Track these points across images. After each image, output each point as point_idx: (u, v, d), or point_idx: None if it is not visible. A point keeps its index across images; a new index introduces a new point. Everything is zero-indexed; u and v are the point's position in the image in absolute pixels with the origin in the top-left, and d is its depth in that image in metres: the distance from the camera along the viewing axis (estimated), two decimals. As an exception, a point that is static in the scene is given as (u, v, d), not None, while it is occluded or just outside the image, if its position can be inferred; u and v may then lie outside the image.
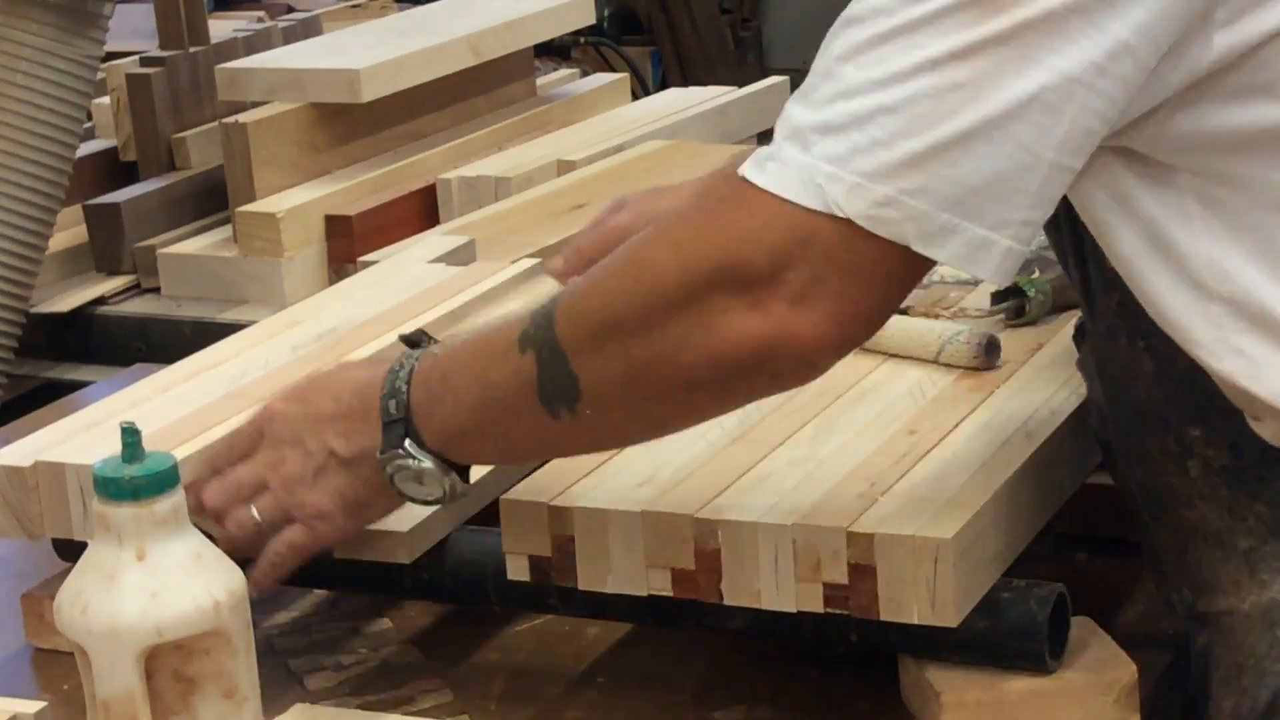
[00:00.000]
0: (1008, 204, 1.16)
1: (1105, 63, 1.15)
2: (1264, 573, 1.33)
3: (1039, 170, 1.16)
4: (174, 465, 1.25)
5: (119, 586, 1.24)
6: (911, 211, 1.15)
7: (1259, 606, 1.33)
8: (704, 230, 1.21)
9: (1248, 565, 1.33)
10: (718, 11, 5.77)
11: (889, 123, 1.15)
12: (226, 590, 1.25)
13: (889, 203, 1.15)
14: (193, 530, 1.26)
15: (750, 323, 1.18)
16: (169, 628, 1.23)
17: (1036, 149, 1.15)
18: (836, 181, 1.16)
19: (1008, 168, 1.16)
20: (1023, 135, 1.15)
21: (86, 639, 1.24)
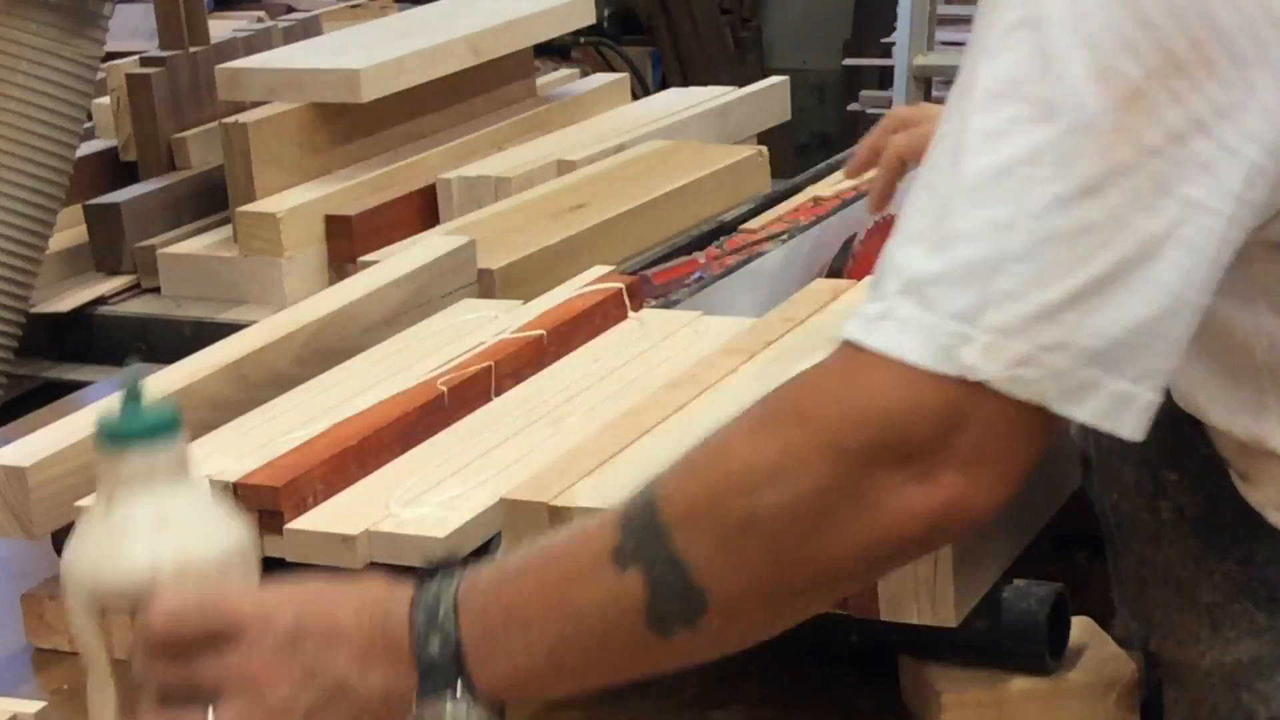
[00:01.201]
0: (1151, 353, 1.06)
1: (1241, 189, 1.06)
2: (1228, 630, 1.27)
3: (1179, 311, 1.06)
4: (148, 424, 1.20)
5: (81, 532, 1.21)
6: (1050, 369, 1.05)
7: (1222, 666, 1.28)
8: (843, 406, 1.07)
9: (1209, 620, 1.28)
10: (718, 11, 5.77)
11: (1020, 271, 1.04)
12: (175, 561, 1.18)
13: (1026, 361, 1.04)
14: (174, 491, 1.20)
15: (920, 496, 1.07)
16: (105, 584, 1.19)
17: (1178, 289, 1.06)
18: (967, 342, 1.05)
19: (1149, 313, 1.05)
20: (1163, 277, 1.05)
21: (62, 576, 1.22)
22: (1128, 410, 1.06)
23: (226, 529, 1.22)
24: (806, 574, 1.10)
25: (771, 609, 1.12)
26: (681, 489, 1.11)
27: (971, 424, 1.05)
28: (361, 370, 1.75)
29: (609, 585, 1.11)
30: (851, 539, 1.08)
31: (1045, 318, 1.04)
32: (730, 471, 1.09)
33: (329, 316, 1.83)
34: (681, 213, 2.37)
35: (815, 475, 1.07)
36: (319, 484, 1.49)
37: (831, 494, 1.07)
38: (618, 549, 1.11)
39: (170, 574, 1.18)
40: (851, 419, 1.07)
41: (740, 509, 1.08)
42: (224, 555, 1.21)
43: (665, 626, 1.10)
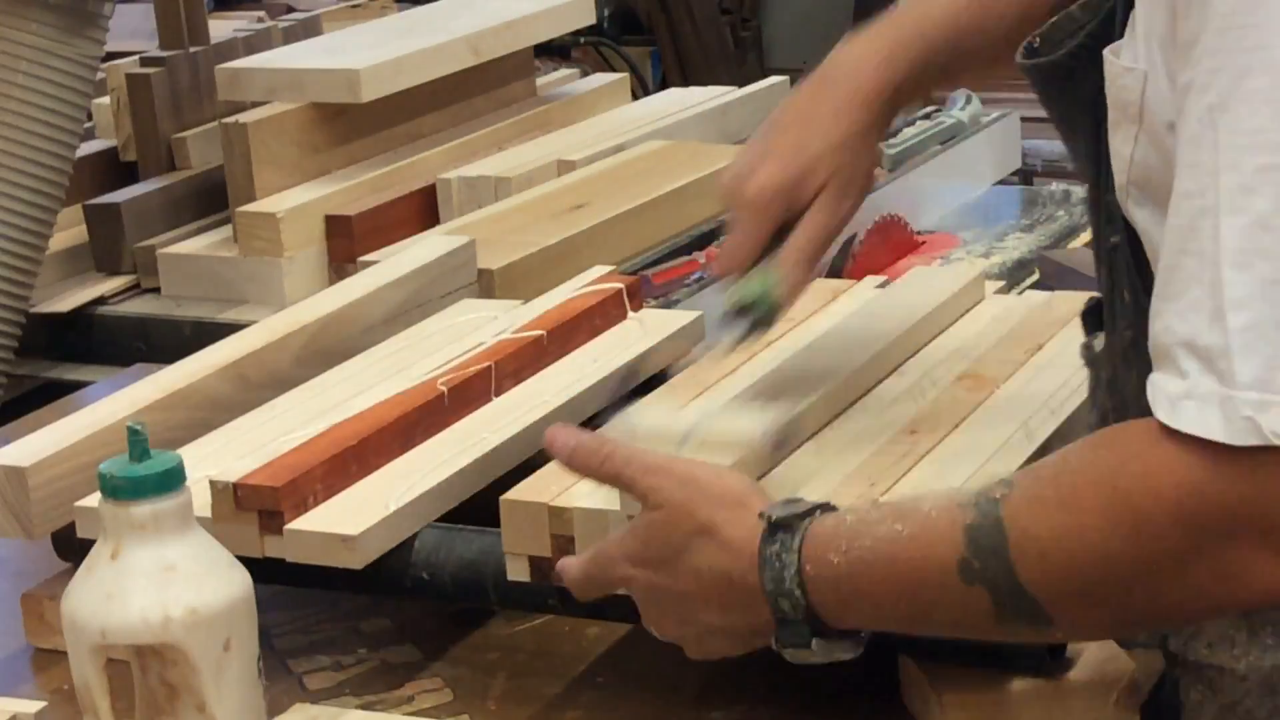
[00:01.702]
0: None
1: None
2: (1267, 637, 1.28)
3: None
4: (158, 473, 1.24)
5: (88, 581, 1.25)
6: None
7: (1258, 671, 1.28)
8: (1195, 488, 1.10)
9: (1246, 625, 1.28)
10: (718, 11, 5.77)
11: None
12: (186, 609, 1.24)
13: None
14: (180, 540, 1.25)
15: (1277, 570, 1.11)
16: (113, 632, 1.23)
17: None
18: (1266, 409, 1.07)
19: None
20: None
21: (64, 623, 1.25)
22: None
23: (230, 577, 1.26)
24: (1152, 619, 1.20)
25: (1113, 634, 1.27)
26: (1032, 528, 1.17)
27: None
28: (361, 370, 1.75)
29: (957, 595, 1.19)
30: (1204, 599, 1.14)
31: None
32: (1083, 525, 1.14)
33: (329, 316, 1.83)
34: (681, 213, 2.37)
35: (1174, 546, 1.12)
36: (319, 484, 1.49)
37: (1189, 565, 1.12)
38: (964, 564, 1.18)
39: (178, 622, 1.21)
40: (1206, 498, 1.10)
41: (1094, 565, 1.14)
42: (229, 603, 1.26)
43: (1011, 630, 1.20)
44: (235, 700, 1.26)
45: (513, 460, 1.58)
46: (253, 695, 1.28)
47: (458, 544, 1.48)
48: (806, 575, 1.23)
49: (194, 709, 1.25)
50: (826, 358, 1.63)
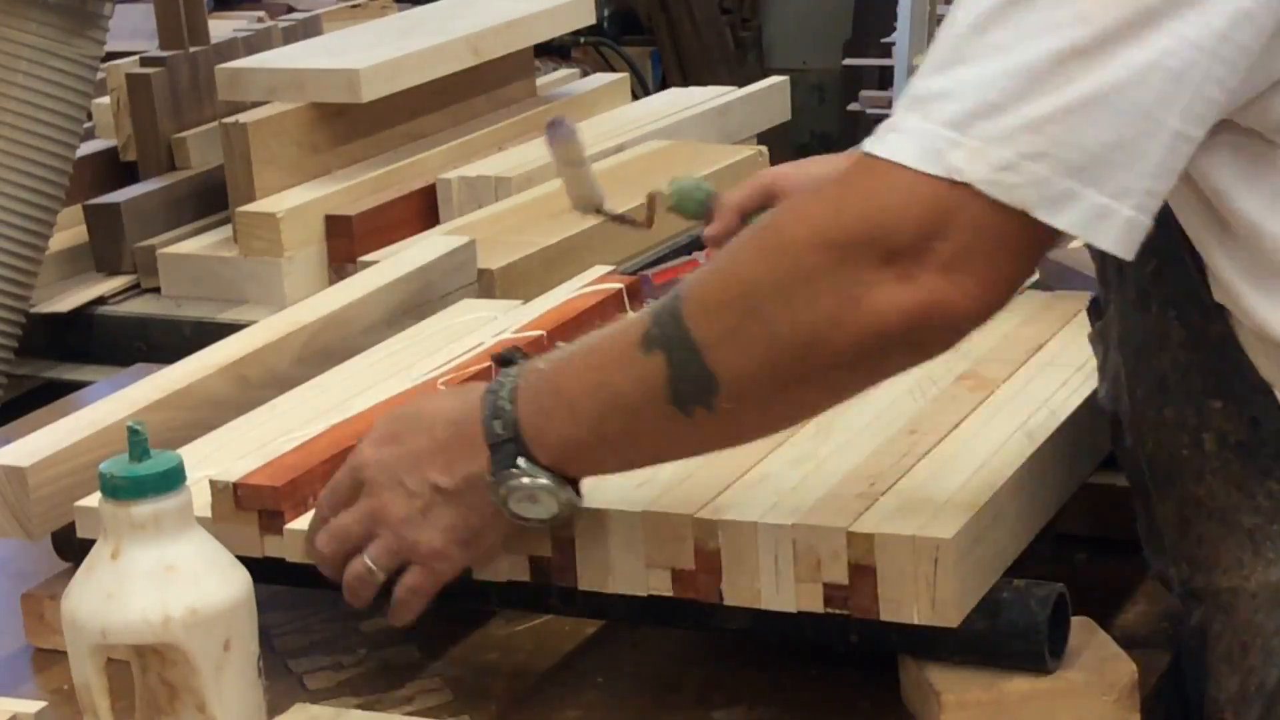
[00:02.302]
0: (1130, 171, 1.15)
1: (1227, 29, 1.14)
2: (1269, 551, 1.33)
3: (1161, 138, 1.15)
4: (158, 473, 1.24)
5: (88, 581, 1.25)
6: (1032, 176, 1.14)
7: (1267, 585, 1.33)
8: (839, 206, 1.18)
9: (1251, 543, 1.33)
10: (718, 11, 5.77)
11: (1009, 87, 1.14)
12: (186, 608, 1.24)
13: (1009, 167, 1.14)
14: (180, 540, 1.25)
15: (901, 294, 1.17)
16: (113, 632, 1.24)
17: (1159, 116, 1.14)
18: (956, 146, 1.15)
19: (1130, 134, 1.14)
20: (1145, 101, 1.14)
21: (64, 623, 1.25)
22: (1107, 224, 1.15)
23: (230, 577, 1.27)
24: (801, 361, 1.21)
25: (776, 395, 1.24)
26: (700, 280, 1.25)
27: (956, 228, 1.15)
28: (361, 370, 1.75)
29: (637, 367, 1.25)
30: (839, 329, 1.19)
31: (1029, 129, 1.14)
32: (738, 262, 1.23)
33: (329, 316, 1.83)
34: (681, 213, 2.37)
35: (807, 265, 1.18)
36: (319, 484, 1.49)
37: (819, 284, 1.18)
38: (645, 334, 1.25)
39: (178, 622, 1.21)
40: (844, 216, 1.18)
41: (742, 295, 1.21)
42: (230, 602, 1.26)
43: (685, 406, 1.24)
44: (235, 700, 1.26)
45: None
46: (253, 695, 1.28)
47: (458, 544, 1.48)
48: (518, 390, 1.31)
49: (194, 709, 1.25)
50: None
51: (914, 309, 1.17)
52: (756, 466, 1.45)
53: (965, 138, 1.15)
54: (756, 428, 1.31)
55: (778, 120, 2.85)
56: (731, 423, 1.26)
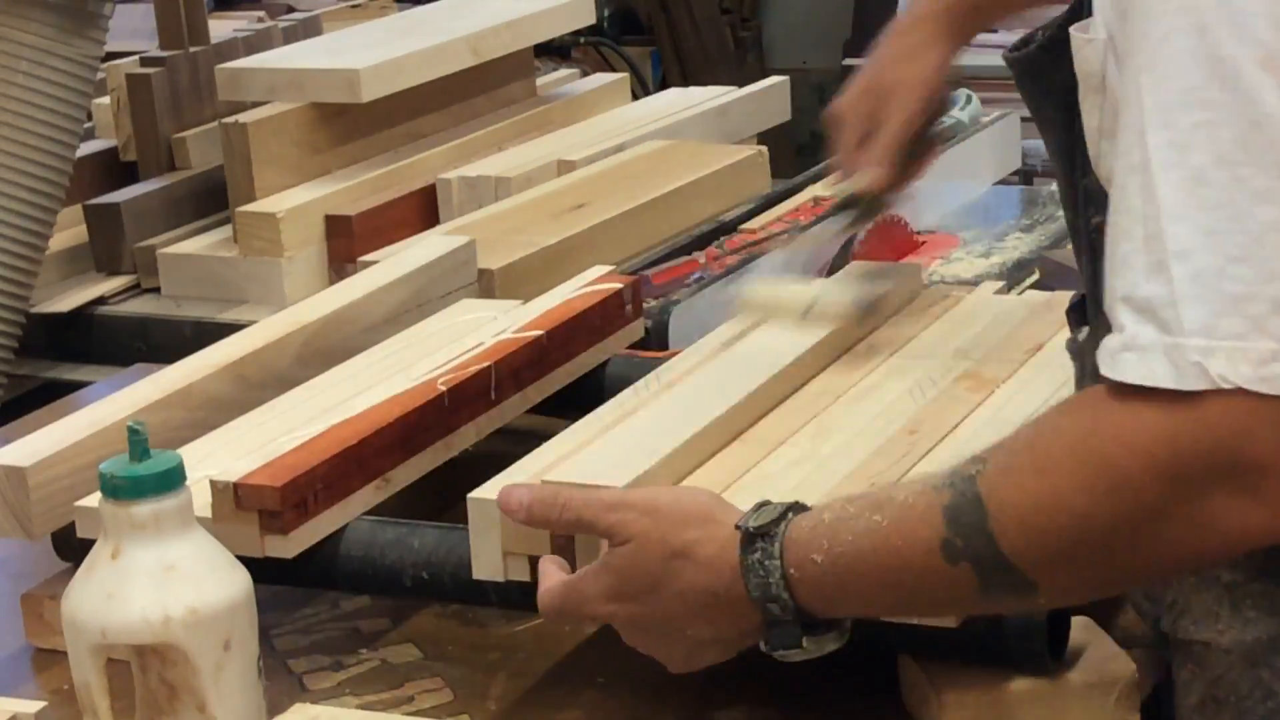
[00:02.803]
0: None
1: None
2: (1248, 610, 1.29)
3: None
4: (158, 473, 1.24)
5: (88, 581, 1.25)
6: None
7: (1241, 645, 1.30)
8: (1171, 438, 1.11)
9: (1229, 599, 1.30)
10: (718, 11, 5.77)
11: (1242, 273, 1.09)
12: (186, 608, 1.24)
13: (1275, 357, 1.09)
14: (180, 540, 1.25)
15: (1255, 515, 1.12)
16: (113, 632, 1.24)
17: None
18: (1212, 354, 1.09)
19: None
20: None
21: (64, 623, 1.25)
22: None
23: (230, 577, 1.27)
24: (1133, 576, 1.22)
25: (1095, 595, 1.27)
26: (1010, 497, 1.18)
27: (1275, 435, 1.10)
28: (361, 370, 1.75)
29: (942, 575, 1.20)
30: (1185, 550, 1.15)
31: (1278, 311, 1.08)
32: (1059, 488, 1.15)
33: (329, 316, 1.83)
34: (681, 213, 2.37)
35: (1151, 499, 1.12)
36: (319, 484, 1.49)
37: (1168, 517, 1.13)
38: (947, 543, 1.19)
39: (178, 622, 1.21)
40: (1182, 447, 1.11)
41: (1076, 529, 1.15)
42: (230, 603, 1.26)
43: (997, 602, 1.23)
44: (235, 700, 1.26)
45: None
46: (253, 695, 1.28)
47: (458, 544, 1.48)
48: (791, 579, 1.24)
49: (194, 709, 1.25)
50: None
51: (1267, 525, 1.13)
52: (756, 466, 1.45)
53: (1217, 341, 1.09)
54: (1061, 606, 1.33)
55: (778, 120, 2.85)
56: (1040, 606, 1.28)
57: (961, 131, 2.67)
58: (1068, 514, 1.15)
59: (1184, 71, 1.10)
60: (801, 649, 1.26)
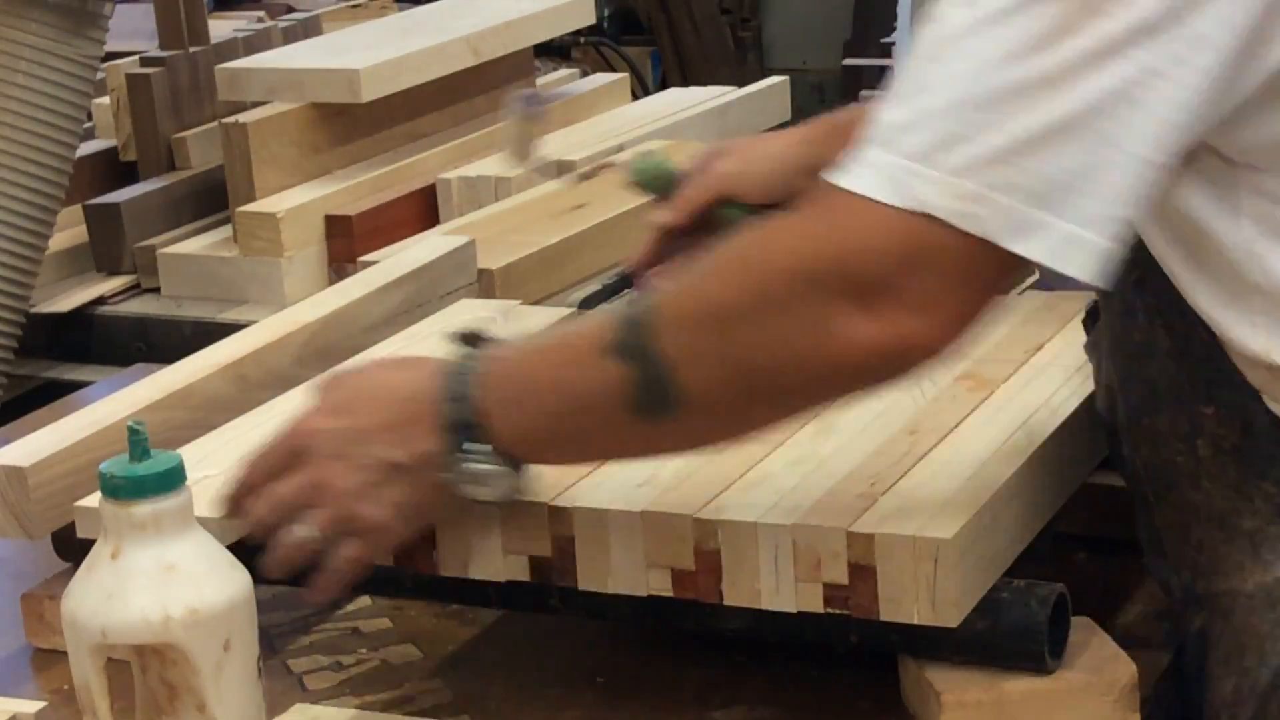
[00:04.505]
0: (1095, 199, 1.15)
1: (1187, 54, 1.15)
2: (1268, 553, 1.33)
3: (1124, 164, 1.15)
4: (158, 473, 1.24)
5: (88, 581, 1.25)
6: (998, 207, 1.15)
7: (1263, 587, 1.33)
8: (811, 237, 1.20)
9: (1251, 546, 1.33)
10: (718, 11, 5.77)
11: (974, 118, 1.15)
12: (186, 608, 1.24)
13: (975, 198, 1.15)
14: (180, 540, 1.25)
15: (869, 329, 1.17)
16: (114, 632, 1.24)
17: (1124, 143, 1.15)
18: (922, 179, 1.15)
19: (1095, 162, 1.15)
20: (1109, 129, 1.14)
21: (64, 623, 1.25)
22: (1075, 251, 1.15)
23: (230, 577, 1.27)
24: (766, 384, 1.23)
25: (737, 412, 1.26)
26: (670, 297, 1.26)
27: (925, 264, 1.16)
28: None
29: (601, 372, 1.26)
30: (805, 357, 1.20)
31: (994, 160, 1.14)
32: (710, 284, 1.24)
33: (329, 316, 1.83)
34: (681, 213, 2.37)
35: (779, 294, 1.19)
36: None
37: (790, 313, 1.19)
38: (611, 340, 1.25)
39: (178, 622, 1.21)
40: (816, 248, 1.19)
41: (713, 316, 1.22)
42: (230, 602, 1.26)
43: (647, 414, 1.25)
44: (235, 700, 1.26)
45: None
46: (253, 695, 1.28)
47: (458, 544, 1.48)
48: (482, 377, 1.30)
49: (194, 709, 1.25)
50: None
51: (881, 345, 1.18)
52: (757, 466, 1.45)
53: (930, 170, 1.15)
54: (711, 440, 1.32)
55: (778, 120, 2.85)
56: (690, 432, 1.28)
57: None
58: (709, 303, 1.23)
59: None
60: (471, 455, 1.30)
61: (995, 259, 1.16)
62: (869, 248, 1.17)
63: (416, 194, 2.42)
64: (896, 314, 1.17)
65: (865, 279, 1.17)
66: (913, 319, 1.17)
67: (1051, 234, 1.15)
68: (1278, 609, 1.33)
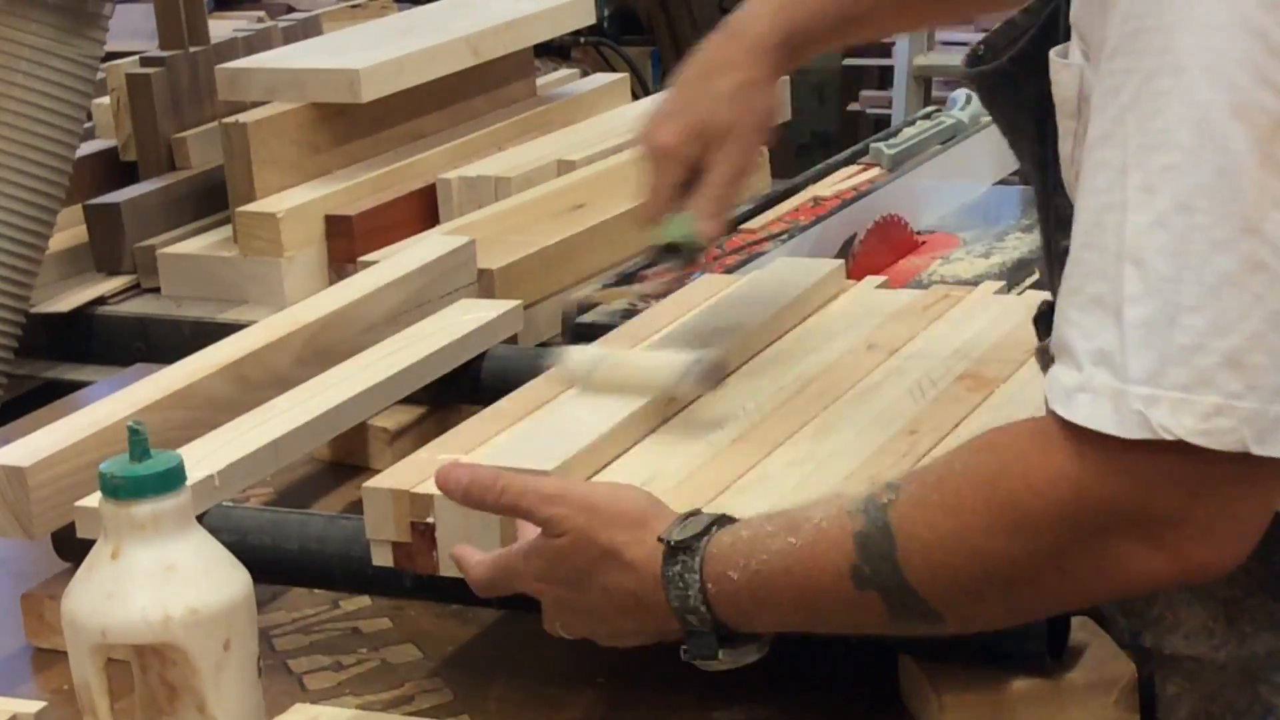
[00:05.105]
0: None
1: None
2: (1245, 625, 1.29)
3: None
4: (158, 473, 1.24)
5: (88, 581, 1.25)
6: (1243, 415, 1.07)
7: (1237, 660, 1.30)
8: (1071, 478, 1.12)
9: (1225, 615, 1.30)
10: (718, 11, 5.77)
11: (1194, 323, 1.06)
12: (186, 608, 1.24)
13: (1218, 412, 1.07)
14: (180, 540, 1.25)
15: (1158, 562, 1.12)
16: (114, 632, 1.24)
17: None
18: (1155, 403, 1.07)
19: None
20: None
21: (64, 623, 1.25)
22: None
23: (230, 577, 1.27)
24: (1039, 610, 1.23)
25: (1006, 624, 1.25)
26: (918, 532, 1.19)
27: (1197, 491, 1.09)
28: (361, 370, 1.75)
29: (851, 600, 1.21)
30: (1088, 590, 1.17)
31: (1229, 365, 1.06)
32: (965, 526, 1.16)
33: (329, 316, 1.83)
34: (681, 213, 2.37)
35: (1055, 543, 1.13)
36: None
37: (1071, 560, 1.13)
38: (856, 570, 1.20)
39: (178, 622, 1.21)
40: (1087, 494, 1.11)
41: (978, 563, 1.16)
42: (230, 603, 1.26)
43: (905, 627, 1.22)
44: (235, 700, 1.26)
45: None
46: (253, 695, 1.28)
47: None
48: (709, 593, 1.26)
49: (194, 709, 1.25)
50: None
51: (1173, 573, 1.13)
52: (757, 467, 1.45)
53: (1162, 391, 1.07)
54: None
55: (777, 120, 2.84)
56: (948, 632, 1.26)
57: (961, 132, 2.67)
58: (970, 552, 1.16)
59: (1161, 111, 1.07)
60: (718, 660, 1.28)
61: (1257, 466, 1.08)
62: (1143, 490, 1.10)
63: (416, 194, 2.42)
64: (1186, 545, 1.11)
65: (1149, 519, 1.11)
66: (1201, 546, 1.11)
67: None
68: (1257, 684, 1.30)
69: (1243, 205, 1.05)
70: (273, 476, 1.71)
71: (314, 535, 1.51)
